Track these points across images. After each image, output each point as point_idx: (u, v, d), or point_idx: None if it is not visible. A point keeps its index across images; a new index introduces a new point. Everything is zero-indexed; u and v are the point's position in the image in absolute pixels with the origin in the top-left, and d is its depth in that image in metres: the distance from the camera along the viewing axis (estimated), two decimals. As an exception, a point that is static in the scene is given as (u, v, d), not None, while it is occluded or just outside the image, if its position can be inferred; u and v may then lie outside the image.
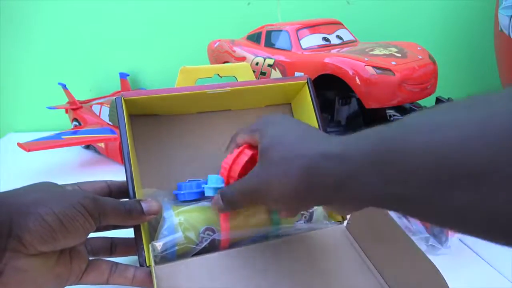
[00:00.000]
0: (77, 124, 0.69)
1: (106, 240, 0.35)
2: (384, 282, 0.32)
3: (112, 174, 0.52)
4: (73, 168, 0.63)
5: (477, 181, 0.16)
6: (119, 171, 0.60)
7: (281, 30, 0.59)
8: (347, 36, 0.60)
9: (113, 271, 0.31)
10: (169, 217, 0.32)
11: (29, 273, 0.25)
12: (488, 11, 0.67)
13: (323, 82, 0.48)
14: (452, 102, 0.20)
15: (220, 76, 0.42)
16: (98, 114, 0.66)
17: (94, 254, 0.34)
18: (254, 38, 0.64)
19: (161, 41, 0.80)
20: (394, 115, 0.52)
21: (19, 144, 0.57)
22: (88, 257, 0.30)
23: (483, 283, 0.36)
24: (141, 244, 0.31)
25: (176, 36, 0.80)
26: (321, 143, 0.24)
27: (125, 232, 0.34)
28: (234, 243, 0.34)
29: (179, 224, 0.32)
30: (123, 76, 0.77)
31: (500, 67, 0.62)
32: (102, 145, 0.63)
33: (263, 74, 0.59)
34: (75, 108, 0.70)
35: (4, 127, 0.85)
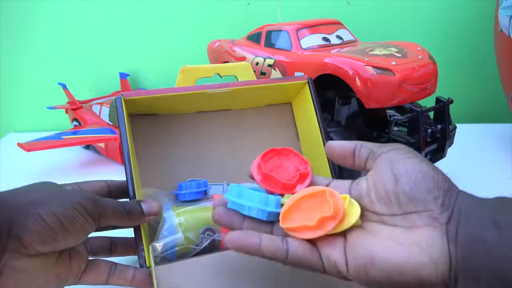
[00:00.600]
0: (77, 124, 0.69)
1: (106, 240, 0.35)
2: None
3: (112, 174, 0.52)
4: (73, 168, 0.63)
5: None
6: (119, 171, 0.60)
7: (281, 30, 0.59)
8: (347, 36, 0.60)
9: (112, 272, 0.31)
10: (170, 218, 0.32)
11: (28, 273, 0.25)
12: (488, 11, 0.67)
13: (323, 82, 0.48)
14: None
15: (220, 76, 0.42)
16: (98, 114, 0.66)
17: (93, 254, 0.34)
18: (254, 38, 0.64)
19: (161, 41, 0.80)
20: (394, 115, 0.51)
21: (19, 144, 0.57)
22: (87, 257, 0.30)
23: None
24: (141, 244, 0.31)
25: (176, 36, 0.80)
26: None
27: (125, 232, 0.34)
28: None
29: (180, 225, 0.32)
30: (123, 76, 0.77)
31: (500, 67, 0.62)
32: (102, 145, 0.63)
33: (263, 74, 0.59)
34: (75, 108, 0.70)
35: (4, 127, 0.85)
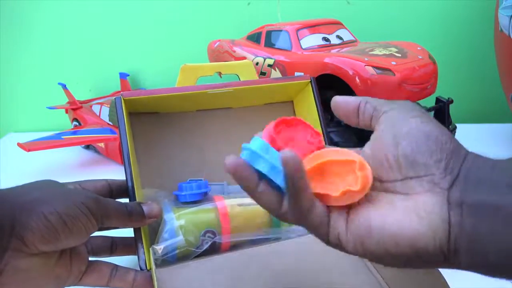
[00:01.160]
0: (77, 124, 0.69)
1: (106, 240, 0.35)
2: (384, 282, 0.32)
3: (112, 174, 0.52)
4: (73, 168, 0.63)
5: None
6: (119, 171, 0.60)
7: (281, 30, 0.59)
8: (347, 36, 0.60)
9: (113, 275, 0.31)
10: (170, 220, 0.32)
11: (29, 273, 0.25)
12: (488, 11, 0.67)
13: (323, 82, 0.48)
14: None
15: (220, 76, 0.42)
16: (98, 114, 0.66)
17: (94, 254, 0.34)
18: (254, 38, 0.64)
19: (161, 41, 0.80)
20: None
21: (19, 144, 0.57)
22: (88, 258, 0.30)
23: (483, 283, 0.35)
24: (141, 247, 0.31)
25: (176, 36, 0.80)
26: None
27: (125, 232, 0.34)
28: (235, 246, 0.34)
29: (180, 227, 0.32)
30: (123, 76, 0.77)
31: (500, 67, 0.62)
32: (102, 145, 0.63)
33: (263, 74, 0.59)
34: (75, 108, 0.70)
35: (4, 127, 0.85)
